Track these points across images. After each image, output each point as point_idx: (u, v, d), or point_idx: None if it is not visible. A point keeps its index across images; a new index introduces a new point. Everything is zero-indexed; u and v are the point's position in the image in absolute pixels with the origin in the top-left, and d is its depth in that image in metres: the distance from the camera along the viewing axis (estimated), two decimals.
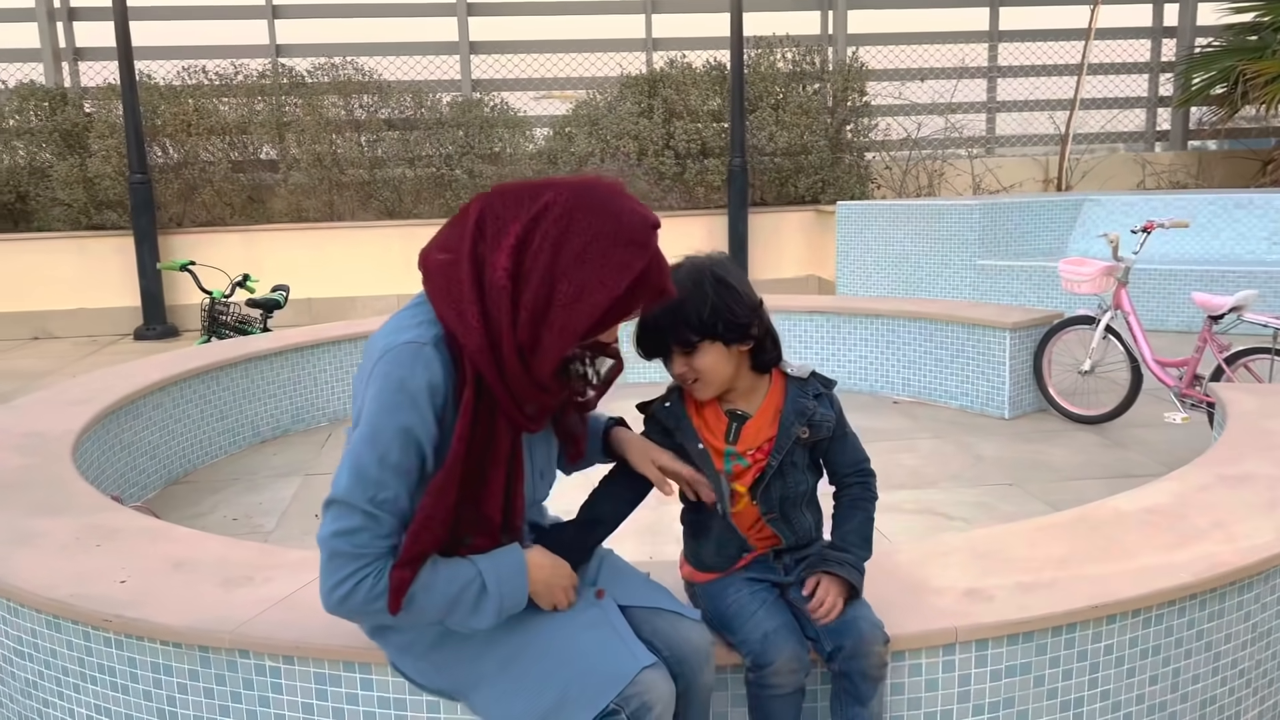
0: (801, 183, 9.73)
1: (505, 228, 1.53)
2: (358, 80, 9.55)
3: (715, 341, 1.80)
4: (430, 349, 1.55)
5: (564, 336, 1.52)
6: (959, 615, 1.97)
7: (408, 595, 1.57)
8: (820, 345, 6.12)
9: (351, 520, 1.55)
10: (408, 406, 1.53)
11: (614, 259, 1.51)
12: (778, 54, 9.95)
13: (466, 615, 1.63)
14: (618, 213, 1.53)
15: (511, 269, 1.50)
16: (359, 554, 1.55)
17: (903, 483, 4.37)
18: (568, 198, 1.53)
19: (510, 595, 1.65)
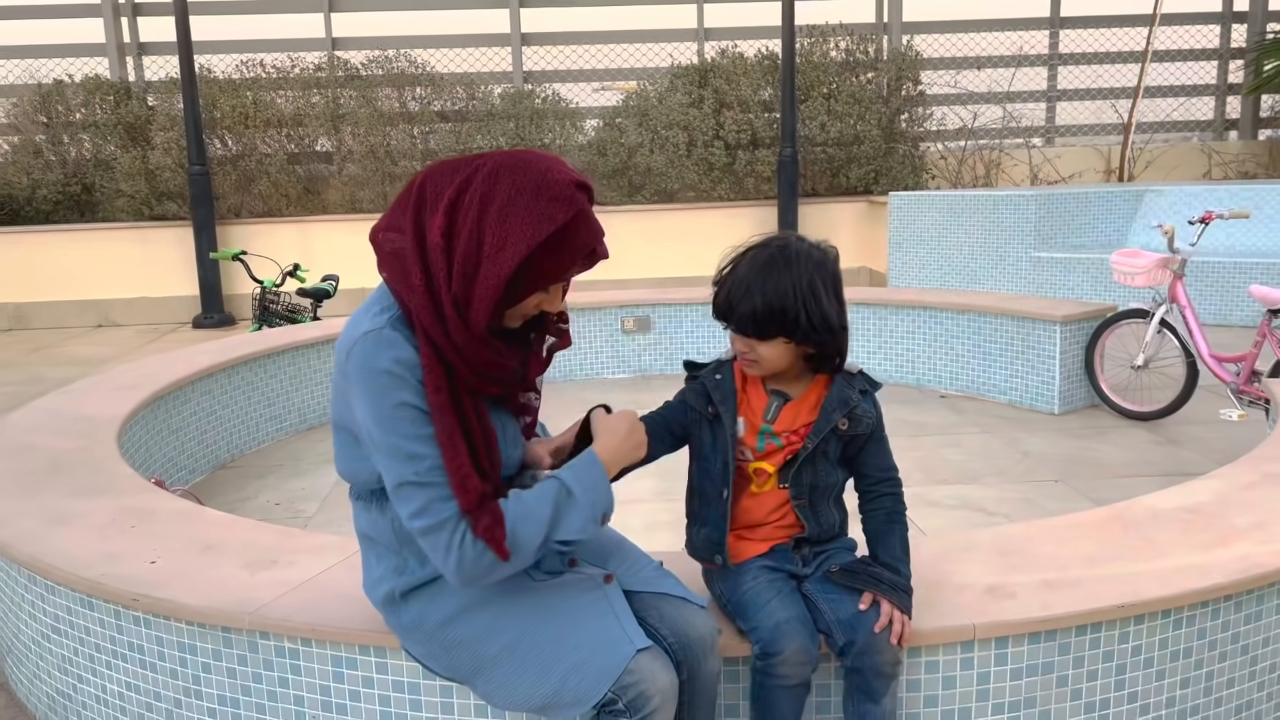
0: (853, 173, 9.61)
1: (441, 193, 1.59)
2: (411, 73, 9.65)
3: (788, 340, 1.80)
4: (388, 330, 1.60)
5: (491, 286, 1.56)
6: (978, 612, 1.93)
7: (509, 533, 1.59)
8: (866, 338, 6.05)
9: (416, 498, 1.58)
10: (393, 385, 1.58)
11: (536, 211, 1.55)
12: (830, 43, 9.83)
13: (574, 528, 1.65)
14: (544, 171, 1.59)
15: (445, 227, 1.57)
16: (442, 523, 1.58)
17: (945, 478, 4.30)
18: (499, 161, 1.60)
19: (597, 492, 1.67)
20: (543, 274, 1.60)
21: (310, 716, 2.06)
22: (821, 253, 1.83)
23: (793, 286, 1.75)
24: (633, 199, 9.56)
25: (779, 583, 1.87)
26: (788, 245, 1.80)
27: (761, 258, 1.79)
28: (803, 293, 1.76)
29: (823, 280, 1.79)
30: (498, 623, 1.72)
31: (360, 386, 1.59)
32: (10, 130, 9.57)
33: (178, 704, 2.19)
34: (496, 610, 1.73)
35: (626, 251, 9.19)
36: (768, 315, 1.76)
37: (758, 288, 1.76)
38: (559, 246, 1.58)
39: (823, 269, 1.80)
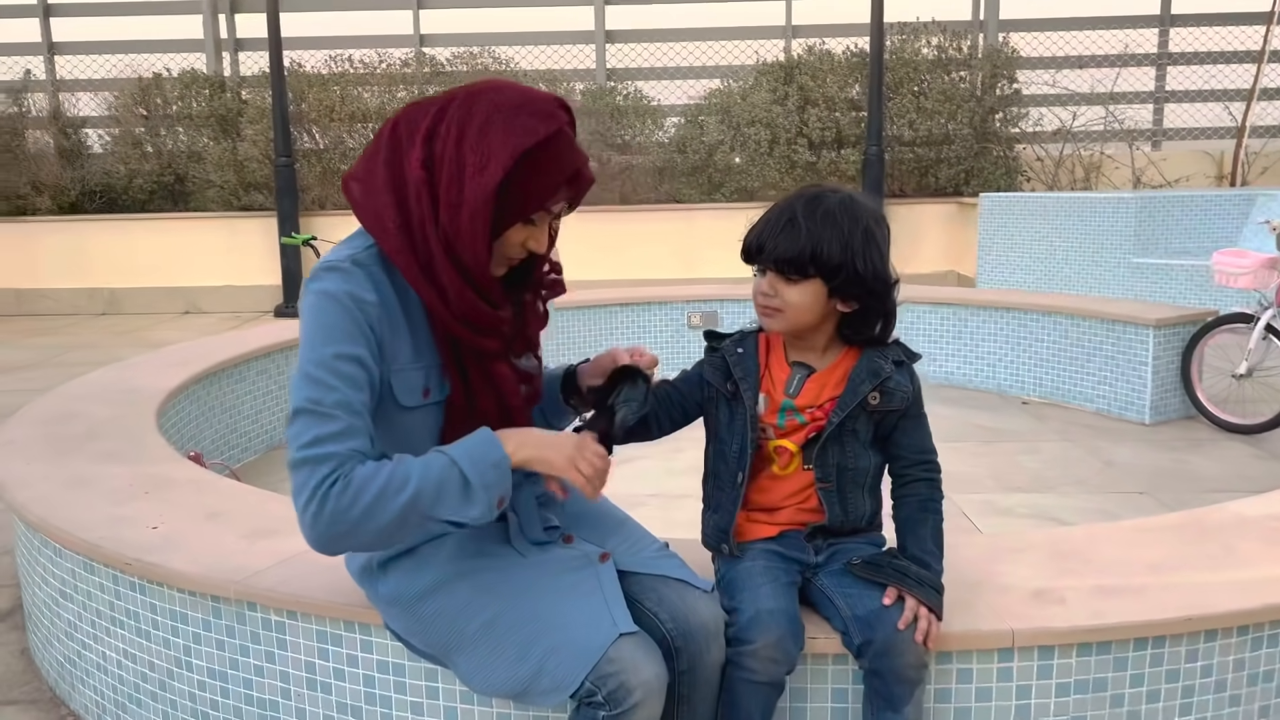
0: (942, 173, 9.27)
1: (417, 126, 1.51)
2: (495, 69, 9.66)
3: (822, 283, 1.61)
4: (348, 264, 1.51)
5: (479, 206, 1.47)
6: (1019, 617, 1.72)
7: (379, 492, 1.42)
8: (946, 340, 5.76)
9: (310, 428, 1.44)
10: (331, 310, 1.48)
11: (517, 124, 1.47)
12: (922, 40, 9.51)
13: (457, 505, 1.47)
14: (521, 90, 1.53)
15: (424, 158, 1.49)
16: (326, 456, 1.43)
17: (1019, 486, 4.02)
18: (473, 87, 1.53)
19: (487, 468, 1.48)
20: (527, 195, 1.49)
21: (296, 694, 1.95)
22: (875, 210, 1.66)
23: (847, 229, 1.59)
24: (711, 197, 9.38)
25: (778, 570, 1.68)
26: (852, 197, 1.63)
27: (812, 195, 1.63)
28: (859, 237, 1.59)
29: (880, 237, 1.62)
30: (477, 599, 1.59)
31: (305, 311, 1.50)
32: (111, 122, 9.89)
33: (170, 674, 2.11)
34: (477, 585, 1.60)
35: (702, 250, 9.02)
36: (812, 251, 1.58)
37: (806, 221, 1.59)
38: (542, 163, 1.48)
39: (882, 226, 1.64)
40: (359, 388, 1.48)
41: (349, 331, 1.48)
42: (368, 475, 1.43)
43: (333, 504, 1.42)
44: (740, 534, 1.74)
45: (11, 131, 9.41)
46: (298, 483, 1.44)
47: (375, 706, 1.87)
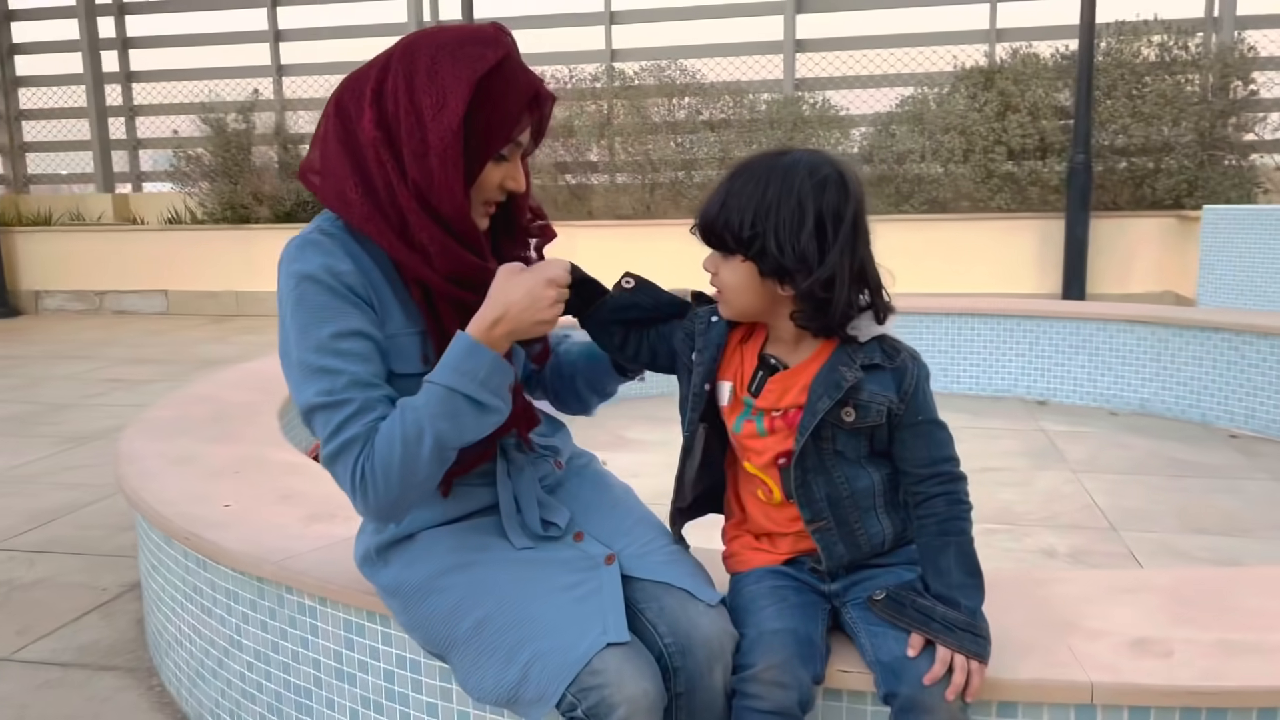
0: (1160, 184, 8.44)
1: (362, 93, 1.44)
2: (681, 82, 9.64)
3: (747, 262, 1.39)
4: (316, 234, 1.46)
5: (446, 149, 1.39)
6: (1107, 668, 1.42)
7: (403, 455, 1.36)
8: (1142, 363, 5.19)
9: (329, 421, 1.39)
10: (315, 295, 1.41)
11: (463, 55, 1.40)
12: (1143, 39, 8.72)
13: (478, 422, 1.40)
14: (457, 28, 1.44)
15: (377, 117, 1.41)
16: (350, 440, 1.39)
17: (1206, 527, 3.52)
18: (409, 39, 1.46)
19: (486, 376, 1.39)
20: (492, 127, 1.41)
21: (326, 684, 1.89)
22: (836, 173, 1.37)
23: (763, 195, 1.35)
24: (899, 208, 8.96)
25: (786, 590, 1.46)
26: (788, 152, 1.40)
27: (760, 156, 1.41)
28: (778, 205, 1.34)
29: (818, 202, 1.35)
30: (471, 596, 1.47)
31: (282, 294, 1.44)
32: None
33: (225, 653, 2.11)
34: (472, 581, 1.48)
35: (889, 263, 8.56)
36: (724, 222, 1.37)
37: (729, 187, 1.39)
38: (499, 90, 1.41)
39: (824, 187, 1.35)
40: (367, 360, 1.42)
41: (338, 307, 1.41)
42: (385, 446, 1.38)
43: (371, 484, 1.39)
44: (744, 561, 1.54)
45: (239, 147, 10.22)
46: (337, 478, 1.43)
47: (394, 703, 1.78)
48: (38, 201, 11.56)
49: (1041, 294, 8.47)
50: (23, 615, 2.91)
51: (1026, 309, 5.59)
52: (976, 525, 1.46)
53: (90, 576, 3.19)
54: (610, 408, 2.20)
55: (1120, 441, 4.66)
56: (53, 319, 10.18)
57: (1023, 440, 4.70)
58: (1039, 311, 5.52)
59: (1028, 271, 8.62)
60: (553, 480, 1.62)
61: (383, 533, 1.58)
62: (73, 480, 4.24)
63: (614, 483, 1.69)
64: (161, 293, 10.34)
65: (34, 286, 10.65)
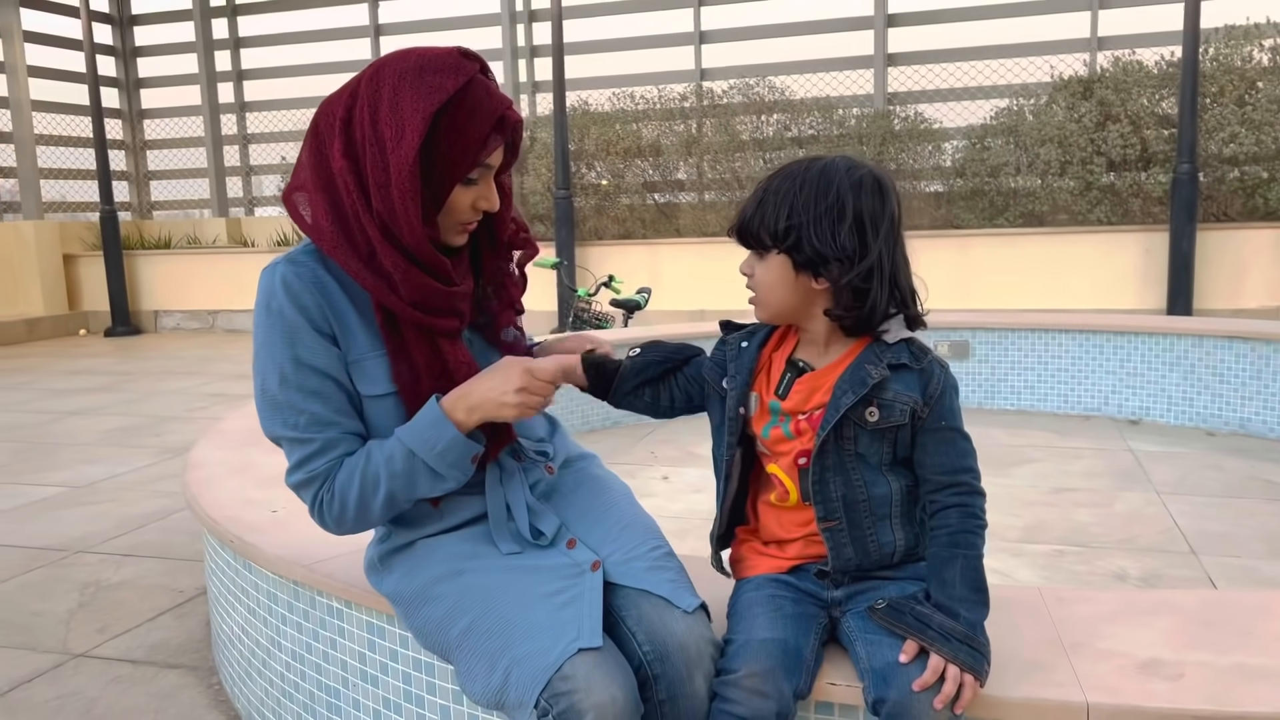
0: (1274, 194, 8.03)
1: (334, 118, 1.47)
2: (769, 99, 9.63)
3: (783, 256, 1.42)
4: (284, 264, 1.50)
5: (405, 178, 1.40)
6: (1107, 690, 1.36)
7: (359, 497, 1.49)
8: (1242, 380, 4.94)
9: (292, 452, 1.52)
10: (280, 328, 1.47)
11: (423, 84, 1.41)
12: (1254, 43, 8.33)
13: (431, 486, 1.50)
14: (422, 52, 1.46)
15: (344, 146, 1.44)
16: (311, 478, 1.52)
17: None
18: (375, 65, 1.48)
19: (445, 449, 1.46)
20: (453, 154, 1.43)
21: (353, 684, 1.95)
22: (873, 178, 1.42)
23: (807, 193, 1.39)
24: (994, 222, 8.74)
25: (783, 600, 1.45)
26: (824, 157, 1.44)
27: (797, 163, 1.45)
28: (821, 203, 1.38)
29: (856, 202, 1.39)
30: (460, 603, 1.51)
31: (256, 326, 1.51)
32: None
33: (269, 654, 2.20)
34: (463, 588, 1.52)
35: (979, 277, 8.41)
36: (760, 219, 1.42)
37: (769, 187, 1.43)
38: (460, 118, 1.42)
39: (862, 188, 1.39)
40: (325, 397, 1.49)
41: (300, 341, 1.47)
42: (344, 483, 1.49)
43: (331, 516, 1.53)
44: (750, 567, 1.54)
45: None
46: (305, 503, 1.56)
47: (412, 705, 1.83)
48: (159, 226, 12.24)
49: (1145, 309, 8.14)
50: (105, 614, 3.08)
51: (1116, 324, 5.39)
52: (1047, 546, 1.43)
53: (170, 579, 3.36)
54: (682, 423, 2.22)
55: (1213, 463, 4.44)
56: (169, 337, 10.74)
57: (1108, 460, 4.52)
58: (1130, 327, 5.31)
59: (1130, 286, 8.30)
60: (545, 485, 1.64)
61: (386, 541, 1.63)
62: (167, 489, 4.47)
63: (610, 486, 1.70)
64: None
65: (154, 306, 11.25)
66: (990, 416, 5.39)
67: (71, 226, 11.66)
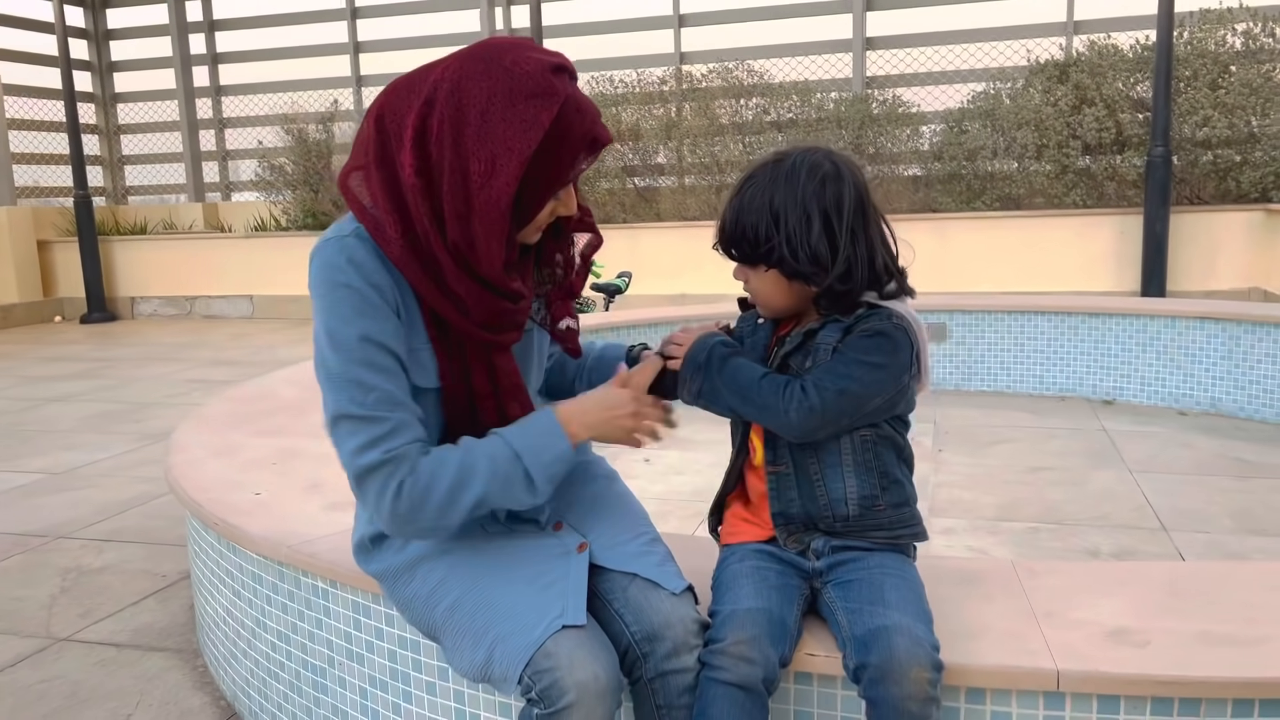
0: (1245, 177, 8.12)
1: (403, 122, 1.37)
2: (748, 83, 9.64)
3: (772, 270, 1.49)
4: (352, 239, 1.41)
5: (494, 219, 1.35)
6: (1077, 657, 1.40)
7: (449, 490, 1.40)
8: (1213, 360, 5.02)
9: (360, 433, 1.39)
10: (350, 302, 1.39)
11: (516, 117, 1.32)
12: (1228, 27, 8.40)
13: (520, 497, 1.44)
14: (510, 67, 1.33)
15: (418, 164, 1.35)
16: (388, 459, 1.39)
17: (1265, 529, 3.39)
18: (455, 69, 1.36)
19: (552, 461, 1.44)
20: (546, 185, 1.38)
21: (339, 663, 1.97)
22: (832, 166, 1.46)
23: (772, 202, 1.44)
24: (971, 205, 8.80)
25: (767, 571, 1.49)
26: (789, 156, 1.48)
27: (755, 169, 1.49)
28: (785, 213, 1.43)
29: (821, 202, 1.44)
30: (447, 580, 1.52)
31: (317, 299, 1.42)
32: None
33: (254, 634, 2.21)
34: (449, 567, 1.54)
35: (959, 262, 8.47)
36: (740, 237, 1.47)
37: (737, 203, 1.48)
38: (554, 148, 1.35)
39: (824, 186, 1.44)
40: (395, 375, 1.40)
41: (370, 316, 1.39)
42: (434, 470, 1.40)
43: (406, 504, 1.40)
44: (732, 533, 1.58)
45: (319, 156, 10.56)
46: (369, 489, 1.41)
47: (397, 682, 1.85)
48: (134, 212, 12.13)
49: (1120, 291, 8.23)
50: (87, 599, 3.08)
51: (1091, 306, 5.45)
52: (1022, 524, 1.48)
53: (152, 564, 3.36)
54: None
55: (1185, 441, 4.52)
56: (146, 323, 10.66)
57: (1082, 440, 4.59)
58: (1104, 309, 5.38)
59: (1105, 269, 8.38)
60: None
61: (375, 523, 1.64)
62: (148, 475, 4.46)
63: (598, 471, 1.73)
64: (247, 297, 10.74)
65: (130, 293, 11.16)
66: (967, 398, 5.45)
67: (45, 212, 11.54)
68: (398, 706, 1.86)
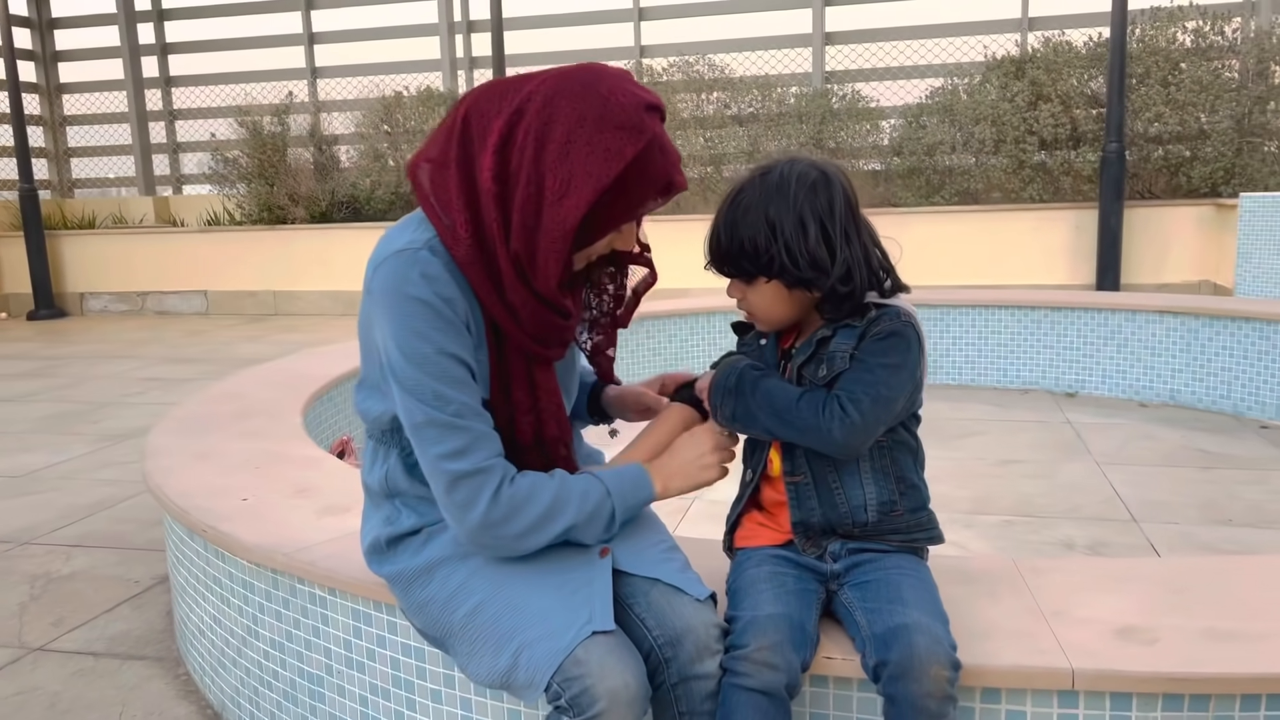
0: (1196, 172, 8.31)
1: (489, 125, 1.37)
2: (710, 77, 9.65)
3: (772, 281, 1.50)
4: (425, 252, 1.40)
5: (557, 237, 1.35)
6: (1089, 655, 1.43)
7: (542, 515, 1.43)
8: (1172, 354, 5.13)
9: (451, 439, 1.40)
10: (424, 316, 1.39)
11: (600, 145, 1.32)
12: (1178, 25, 8.59)
13: (598, 534, 1.50)
14: (606, 95, 1.34)
15: (496, 170, 1.35)
16: (478, 469, 1.40)
17: (1231, 519, 3.48)
18: (552, 85, 1.36)
19: (636, 506, 1.52)
20: (613, 216, 1.38)
21: (337, 671, 1.95)
22: (819, 174, 1.48)
23: (767, 214, 1.45)
24: (930, 200, 8.90)
25: (785, 576, 1.50)
26: (774, 168, 1.49)
27: (741, 183, 1.50)
28: (781, 223, 1.44)
29: (814, 208, 1.45)
30: (467, 585, 1.51)
31: (386, 310, 1.40)
32: (358, 139, 10.70)
33: (244, 642, 2.18)
34: (470, 570, 1.52)
35: (917, 256, 8.54)
36: (738, 252, 1.47)
37: (729, 219, 1.48)
38: (630, 183, 1.35)
39: (814, 192, 1.46)
40: (470, 388, 1.42)
41: (444, 330, 1.39)
42: (531, 491, 1.43)
43: (494, 514, 1.41)
44: (748, 537, 1.58)
45: (274, 148, 10.39)
46: (457, 495, 1.41)
47: (400, 690, 1.83)
48: (82, 205, 11.83)
49: (1075, 285, 8.38)
50: (59, 607, 3.01)
51: (1053, 300, 5.55)
52: (997, 517, 1.50)
53: (124, 569, 3.29)
54: None
55: (1148, 433, 4.62)
56: (97, 320, 10.42)
57: (1048, 432, 4.67)
58: (1066, 303, 5.48)
59: (1061, 262, 8.53)
60: None
61: (392, 524, 1.62)
62: (109, 477, 4.36)
63: None
64: (201, 293, 10.54)
65: (79, 288, 10.90)
66: (933, 391, 5.49)
67: None
68: (400, 715, 1.84)
